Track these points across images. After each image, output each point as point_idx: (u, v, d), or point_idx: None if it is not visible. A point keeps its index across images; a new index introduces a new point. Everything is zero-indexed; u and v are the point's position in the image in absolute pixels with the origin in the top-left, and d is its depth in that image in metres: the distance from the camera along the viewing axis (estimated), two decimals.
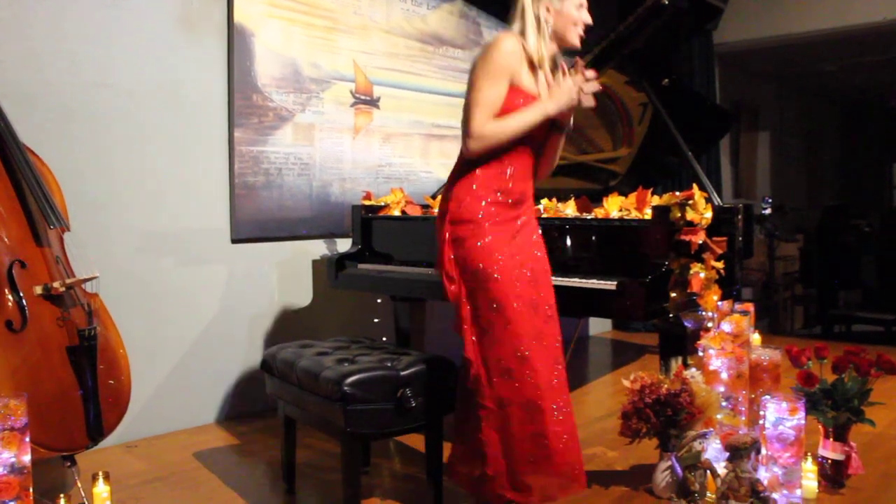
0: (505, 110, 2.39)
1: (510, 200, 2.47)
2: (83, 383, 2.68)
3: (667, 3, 3.17)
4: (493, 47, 2.38)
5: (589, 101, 2.45)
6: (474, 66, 2.41)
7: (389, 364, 2.68)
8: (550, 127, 2.51)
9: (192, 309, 3.92)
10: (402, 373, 2.62)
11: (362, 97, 4.66)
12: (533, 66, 2.44)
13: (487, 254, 2.41)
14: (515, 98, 2.39)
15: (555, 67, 2.50)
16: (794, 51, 7.50)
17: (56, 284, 2.69)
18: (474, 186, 2.44)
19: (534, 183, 2.59)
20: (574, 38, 2.49)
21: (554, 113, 2.42)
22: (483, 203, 2.43)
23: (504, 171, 2.45)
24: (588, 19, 2.50)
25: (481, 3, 5.25)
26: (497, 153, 2.42)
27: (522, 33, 2.43)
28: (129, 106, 3.61)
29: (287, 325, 4.28)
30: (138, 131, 3.65)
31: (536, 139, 2.50)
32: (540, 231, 2.63)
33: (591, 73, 2.45)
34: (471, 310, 2.44)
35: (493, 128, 2.36)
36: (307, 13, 4.33)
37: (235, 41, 3.99)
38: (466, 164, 2.47)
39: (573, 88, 2.42)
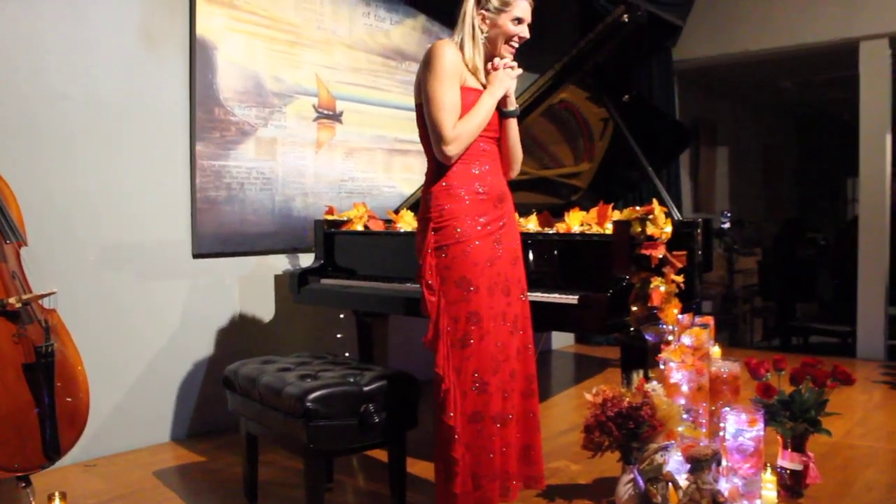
0: (463, 109, 2.48)
1: (490, 196, 2.53)
2: (40, 401, 2.64)
3: (627, 20, 3.22)
4: (437, 57, 2.46)
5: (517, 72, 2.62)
6: (424, 79, 2.48)
7: (352, 379, 2.67)
8: (501, 115, 2.61)
9: (153, 325, 3.86)
10: (366, 388, 2.61)
11: (325, 112, 4.65)
12: (469, 69, 2.55)
13: (472, 264, 2.45)
14: (467, 97, 2.50)
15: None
16: (751, 68, 7.65)
17: (12, 300, 2.64)
18: (453, 184, 2.49)
19: (507, 180, 2.67)
20: (504, 51, 2.59)
21: (501, 95, 2.55)
22: (466, 202, 2.48)
23: (477, 168, 2.53)
24: (525, 34, 2.61)
25: (444, 19, 5.27)
26: (465, 154, 2.50)
27: (461, 41, 2.53)
28: (90, 118, 3.57)
29: (249, 341, 4.24)
30: (99, 144, 3.61)
31: (492, 130, 2.58)
32: (519, 237, 2.70)
33: (508, 61, 2.59)
34: (449, 322, 2.44)
35: (463, 126, 2.46)
36: (270, 27, 4.32)
37: (197, 54, 3.96)
38: (438, 172, 2.53)
39: (504, 73, 2.57)
